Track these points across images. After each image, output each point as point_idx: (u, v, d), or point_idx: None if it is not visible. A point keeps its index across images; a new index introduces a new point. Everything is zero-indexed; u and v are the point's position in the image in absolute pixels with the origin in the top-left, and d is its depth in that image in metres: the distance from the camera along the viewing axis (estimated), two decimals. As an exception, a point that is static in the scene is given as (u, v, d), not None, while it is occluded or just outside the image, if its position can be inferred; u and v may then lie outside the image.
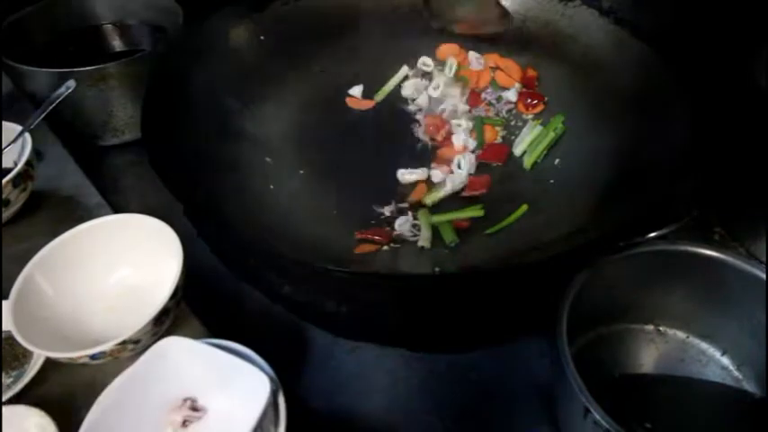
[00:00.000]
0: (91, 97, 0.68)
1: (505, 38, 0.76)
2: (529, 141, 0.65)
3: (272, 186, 0.63)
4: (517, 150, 0.66)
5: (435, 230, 0.58)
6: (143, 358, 0.38)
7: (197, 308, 0.50)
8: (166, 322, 0.46)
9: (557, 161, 0.64)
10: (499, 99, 0.72)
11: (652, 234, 0.42)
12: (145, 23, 0.82)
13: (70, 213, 0.61)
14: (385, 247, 0.57)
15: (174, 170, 0.54)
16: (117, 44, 0.84)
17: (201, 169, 0.59)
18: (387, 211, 0.61)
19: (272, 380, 0.37)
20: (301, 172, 0.67)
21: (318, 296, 0.54)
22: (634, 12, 0.66)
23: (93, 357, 0.41)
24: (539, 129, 0.66)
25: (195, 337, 0.45)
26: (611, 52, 0.67)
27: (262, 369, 0.36)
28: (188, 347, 0.38)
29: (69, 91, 0.64)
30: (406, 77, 0.76)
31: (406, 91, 0.74)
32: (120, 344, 0.42)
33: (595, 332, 0.50)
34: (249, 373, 0.36)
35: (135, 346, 0.43)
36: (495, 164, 0.65)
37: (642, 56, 0.63)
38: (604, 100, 0.65)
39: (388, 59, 0.77)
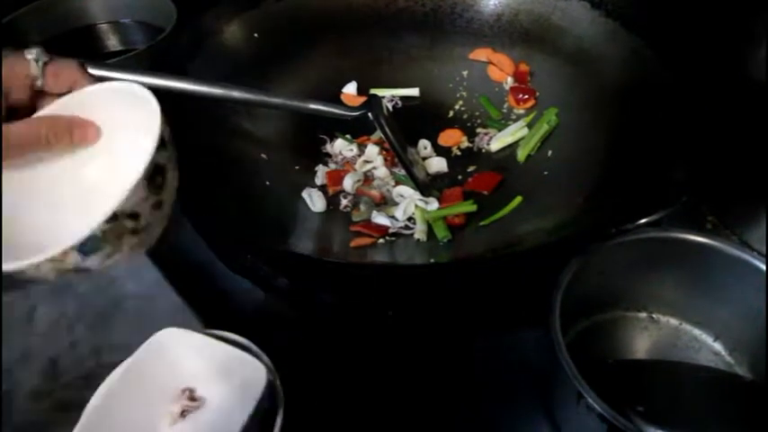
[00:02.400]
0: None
1: (498, 31, 0.77)
2: (506, 141, 0.66)
3: (267, 183, 0.64)
4: (493, 146, 0.66)
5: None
6: (141, 350, 0.38)
7: (194, 303, 0.51)
8: (165, 188, 0.34)
9: (549, 153, 0.64)
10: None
11: (642, 220, 0.42)
12: (139, 22, 0.83)
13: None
14: (381, 240, 0.57)
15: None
16: (112, 43, 0.85)
17: (197, 166, 0.59)
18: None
19: (269, 369, 0.37)
20: (297, 167, 0.67)
21: (315, 290, 0.54)
22: (626, 4, 0.67)
23: (82, 251, 0.30)
24: (524, 131, 0.66)
25: (192, 329, 0.45)
26: (604, 45, 0.67)
27: (259, 359, 0.37)
28: (185, 338, 0.38)
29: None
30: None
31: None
32: (112, 220, 0.30)
33: (589, 320, 0.50)
34: (246, 363, 0.36)
35: (135, 224, 0.32)
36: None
37: (634, 48, 0.64)
38: (597, 92, 0.65)
39: (384, 55, 0.78)
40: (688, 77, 0.57)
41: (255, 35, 0.74)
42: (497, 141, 0.66)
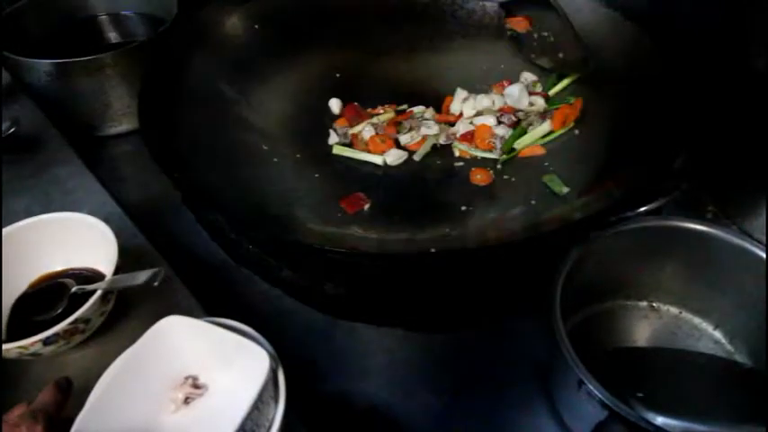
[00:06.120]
0: (87, 88, 0.68)
1: (500, 22, 0.77)
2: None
3: (268, 173, 0.64)
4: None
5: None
6: (144, 337, 0.38)
7: (197, 292, 0.51)
8: (111, 300, 0.47)
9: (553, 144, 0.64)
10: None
11: (642, 208, 0.42)
12: (140, 14, 0.83)
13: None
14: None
15: (172, 158, 0.55)
16: (113, 35, 0.85)
17: (199, 157, 0.60)
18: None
19: (271, 356, 0.38)
20: (298, 156, 0.67)
21: (317, 278, 0.54)
22: (626, -6, 0.67)
23: (46, 342, 0.41)
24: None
25: (193, 312, 0.46)
26: (605, 35, 0.67)
27: (262, 346, 0.37)
28: (188, 325, 0.39)
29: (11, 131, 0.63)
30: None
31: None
32: (71, 323, 0.42)
33: (590, 309, 0.51)
34: (249, 350, 0.37)
35: (86, 327, 0.44)
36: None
37: (635, 37, 0.64)
38: (599, 82, 0.65)
39: (384, 46, 0.78)
40: (688, 67, 0.57)
41: (256, 26, 0.75)
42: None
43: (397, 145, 0.68)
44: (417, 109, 0.70)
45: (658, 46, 0.61)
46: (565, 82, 0.69)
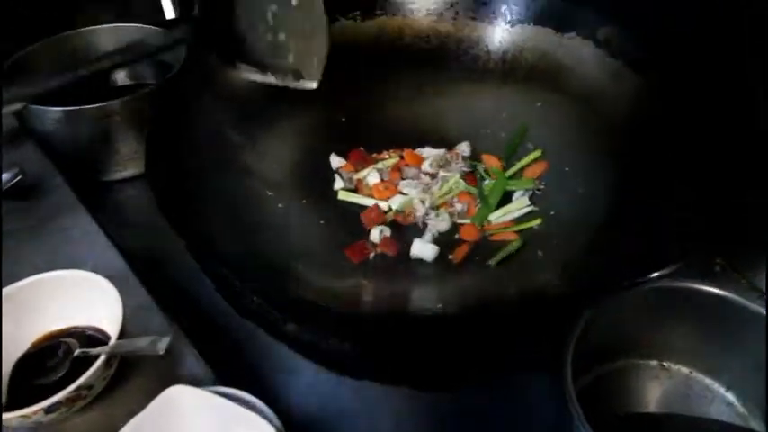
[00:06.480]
0: (94, 135, 0.69)
1: (503, 68, 0.78)
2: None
3: (272, 220, 0.64)
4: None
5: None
6: (149, 408, 0.38)
7: (203, 351, 0.50)
8: (114, 364, 0.47)
9: (556, 195, 0.64)
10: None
11: (655, 274, 0.42)
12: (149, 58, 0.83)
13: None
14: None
15: (177, 207, 0.55)
16: (121, 78, 0.85)
17: (205, 204, 0.60)
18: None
19: (277, 430, 0.37)
20: (303, 201, 0.67)
21: (321, 333, 0.54)
22: (630, 44, 0.67)
23: (48, 410, 0.41)
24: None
25: (198, 376, 0.45)
26: (609, 84, 0.68)
27: (268, 419, 0.36)
28: (195, 396, 0.38)
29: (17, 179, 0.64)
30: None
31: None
32: (74, 391, 0.41)
33: (600, 368, 0.50)
34: (256, 425, 0.36)
35: (88, 392, 0.44)
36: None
37: (639, 89, 0.64)
38: (602, 133, 0.65)
39: (391, 90, 0.78)
40: (694, 121, 0.57)
41: (265, 71, 0.75)
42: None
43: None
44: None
45: (663, 99, 0.62)
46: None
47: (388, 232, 0.64)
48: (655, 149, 0.59)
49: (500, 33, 0.77)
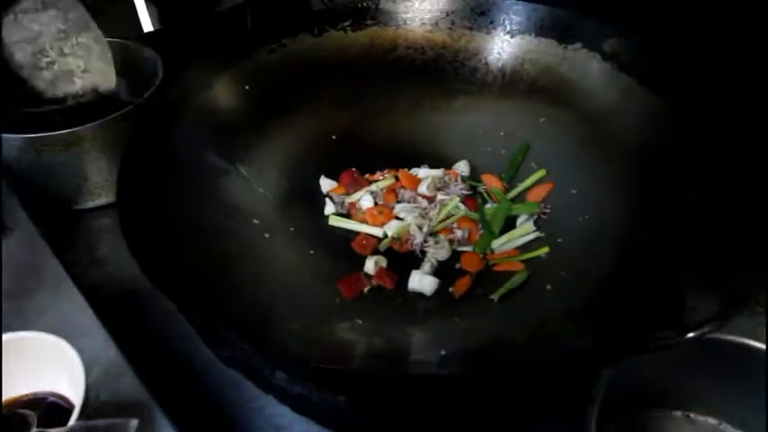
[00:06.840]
0: (64, 162, 0.63)
1: (503, 81, 0.73)
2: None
3: (257, 252, 0.58)
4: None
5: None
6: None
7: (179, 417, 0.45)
8: None
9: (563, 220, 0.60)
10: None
11: (690, 335, 0.37)
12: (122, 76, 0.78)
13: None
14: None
15: (151, 248, 0.49)
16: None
17: (183, 241, 0.54)
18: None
19: None
20: (291, 229, 0.63)
21: (313, 387, 0.49)
22: (640, 57, 0.63)
23: None
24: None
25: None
26: (617, 100, 0.63)
27: None
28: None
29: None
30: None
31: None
32: None
33: (623, 420, 0.46)
34: None
35: None
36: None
37: (651, 106, 0.60)
38: (612, 152, 0.61)
39: (384, 104, 0.73)
40: (711, 141, 0.53)
41: (247, 88, 0.70)
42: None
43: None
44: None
45: (677, 116, 0.57)
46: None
47: (383, 262, 0.59)
48: (674, 172, 0.54)
49: (499, 44, 0.72)
